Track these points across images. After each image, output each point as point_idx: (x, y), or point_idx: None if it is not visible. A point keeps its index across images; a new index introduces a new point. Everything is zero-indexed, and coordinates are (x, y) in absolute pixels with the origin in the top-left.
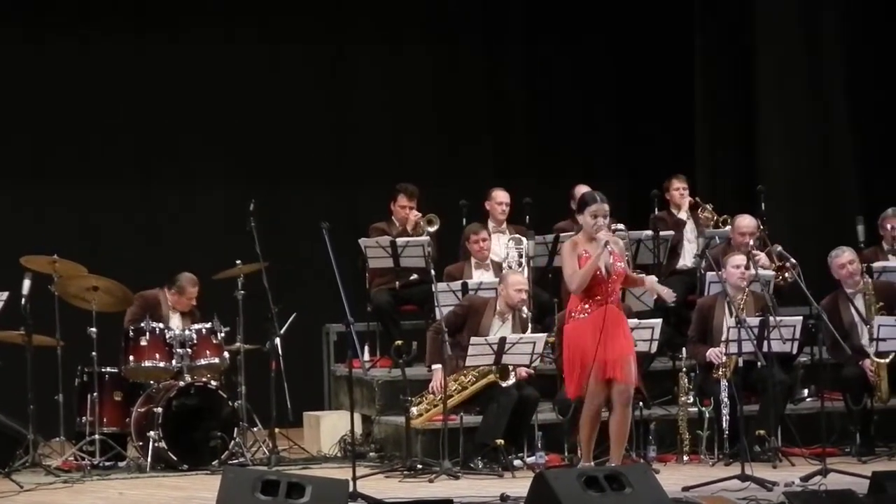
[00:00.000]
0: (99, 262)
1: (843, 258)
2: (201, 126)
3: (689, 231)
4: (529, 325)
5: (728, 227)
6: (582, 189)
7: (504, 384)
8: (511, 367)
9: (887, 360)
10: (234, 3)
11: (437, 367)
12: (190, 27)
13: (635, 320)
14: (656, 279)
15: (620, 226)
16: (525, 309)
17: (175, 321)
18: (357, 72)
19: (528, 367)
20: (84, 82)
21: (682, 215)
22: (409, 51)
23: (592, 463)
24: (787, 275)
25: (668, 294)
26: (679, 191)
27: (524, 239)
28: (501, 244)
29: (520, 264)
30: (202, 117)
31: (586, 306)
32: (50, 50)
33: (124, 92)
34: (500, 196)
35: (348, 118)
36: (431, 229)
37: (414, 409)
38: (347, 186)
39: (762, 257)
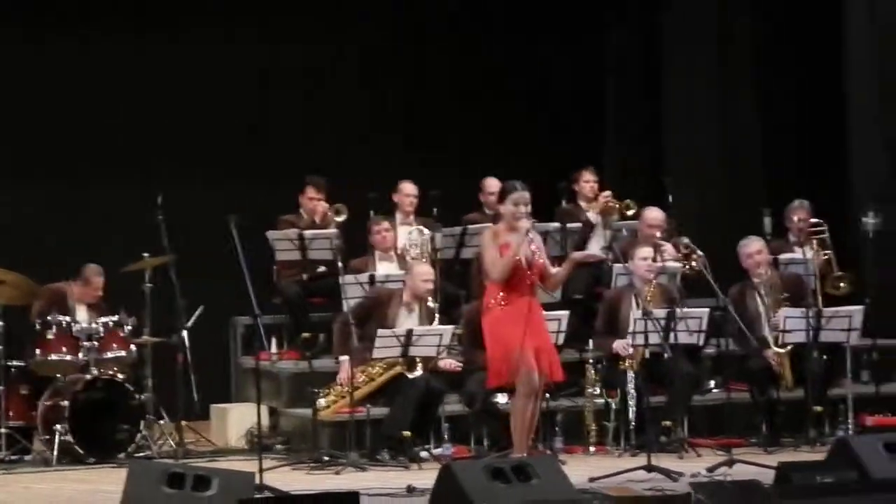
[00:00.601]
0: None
1: (752, 248)
2: (107, 118)
3: (597, 223)
4: (436, 315)
5: (631, 213)
6: (491, 180)
7: (411, 375)
8: (418, 359)
9: (787, 350)
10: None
11: (344, 358)
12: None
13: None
14: (577, 254)
15: None
16: (430, 300)
17: (82, 314)
18: (278, 68)
19: (437, 357)
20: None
21: (592, 216)
22: (335, 41)
23: (525, 454)
24: (693, 264)
25: (592, 256)
26: (589, 183)
27: (425, 229)
28: (408, 236)
29: (422, 255)
30: (104, 109)
31: (506, 297)
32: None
33: (68, 91)
34: (408, 188)
35: (254, 110)
36: (339, 219)
37: (321, 401)
38: (260, 181)
39: (668, 248)
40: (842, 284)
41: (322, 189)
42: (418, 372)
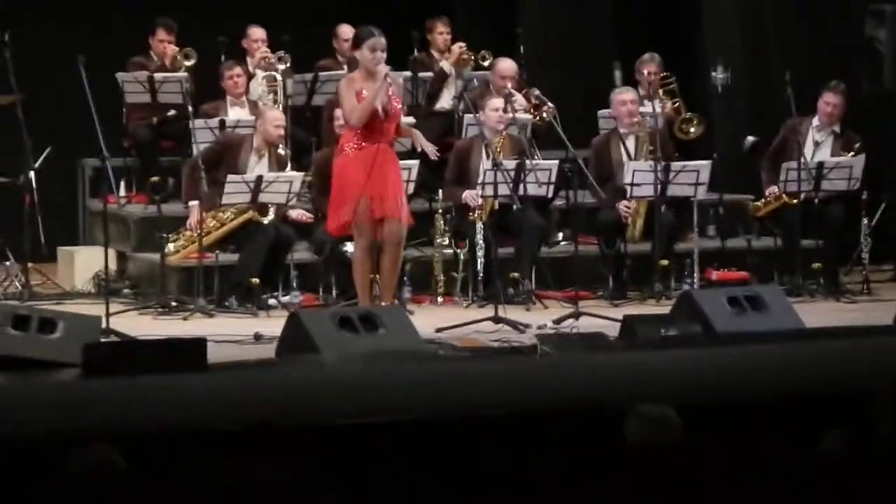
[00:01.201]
0: None
1: (625, 96)
2: None
3: (450, 73)
4: (288, 163)
5: (487, 64)
6: (345, 27)
7: (264, 220)
8: (271, 205)
9: (647, 198)
10: None
11: (193, 203)
12: None
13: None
14: (421, 135)
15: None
16: (282, 147)
17: None
18: None
19: (285, 205)
20: None
21: (445, 66)
22: None
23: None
24: (544, 115)
25: (432, 151)
26: (443, 35)
27: (277, 75)
28: (258, 81)
29: (275, 101)
30: None
31: (359, 142)
32: None
33: None
34: (256, 33)
35: None
36: (188, 63)
37: (171, 246)
38: (107, 21)
39: (519, 98)
40: (690, 129)
41: (173, 32)
42: (271, 216)
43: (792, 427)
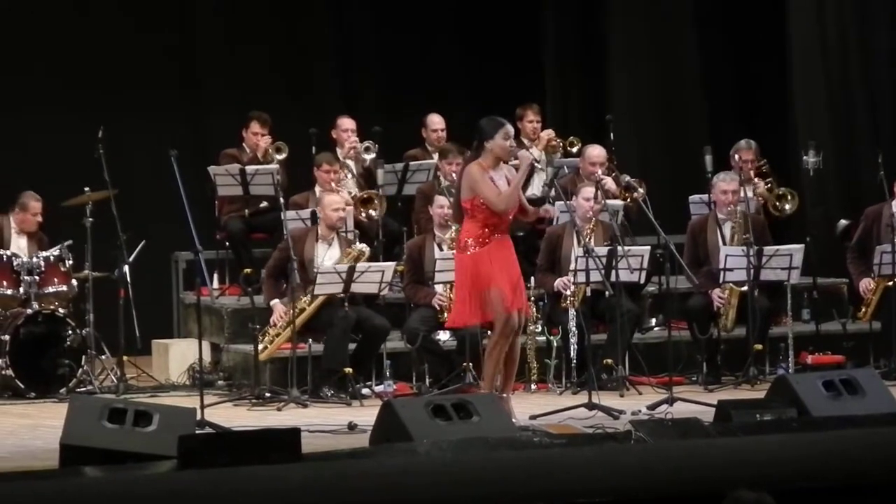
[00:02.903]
0: None
1: (728, 186)
2: (46, 51)
3: (540, 160)
4: (357, 242)
5: (576, 150)
6: (434, 116)
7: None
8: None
9: (742, 288)
10: None
11: (274, 302)
12: None
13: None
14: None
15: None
16: (348, 231)
17: (21, 245)
18: None
19: (378, 294)
20: None
21: (535, 153)
22: None
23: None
24: (635, 196)
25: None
26: (532, 123)
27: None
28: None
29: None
30: (44, 41)
31: (484, 235)
32: None
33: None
34: (347, 124)
35: (196, 46)
36: (280, 157)
37: (260, 345)
38: (199, 115)
39: (608, 181)
40: (786, 206)
41: (267, 125)
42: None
43: None
